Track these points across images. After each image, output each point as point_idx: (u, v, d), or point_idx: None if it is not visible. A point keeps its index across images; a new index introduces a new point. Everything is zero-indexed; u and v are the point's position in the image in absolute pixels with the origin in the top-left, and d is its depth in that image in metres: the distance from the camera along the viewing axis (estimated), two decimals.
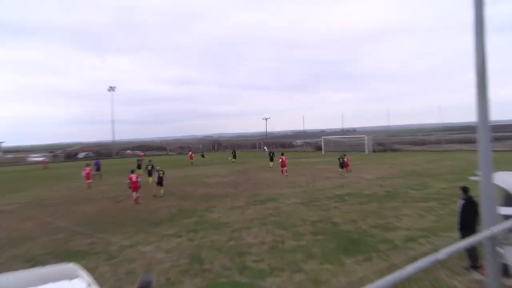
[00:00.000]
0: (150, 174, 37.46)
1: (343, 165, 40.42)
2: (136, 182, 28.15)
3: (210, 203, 26.23)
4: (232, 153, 63.92)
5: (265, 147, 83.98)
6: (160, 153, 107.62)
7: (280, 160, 40.03)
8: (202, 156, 72.21)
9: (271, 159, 49.50)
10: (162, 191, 30.41)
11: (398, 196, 25.23)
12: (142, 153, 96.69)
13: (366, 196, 26.04)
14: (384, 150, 76.09)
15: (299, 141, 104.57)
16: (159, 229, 19.86)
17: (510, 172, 12.39)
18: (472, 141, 68.16)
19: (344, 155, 41.35)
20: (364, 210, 21.68)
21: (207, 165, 56.65)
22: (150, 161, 44.17)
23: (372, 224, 18.66)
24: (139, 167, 47.04)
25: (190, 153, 64.27)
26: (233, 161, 60.09)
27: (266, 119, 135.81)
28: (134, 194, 28.00)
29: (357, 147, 76.23)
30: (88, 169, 38.75)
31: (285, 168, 39.74)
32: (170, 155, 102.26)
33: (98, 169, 46.02)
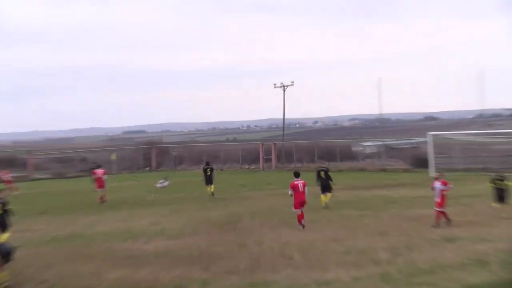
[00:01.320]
0: None
1: (503, 196, 22.42)
2: None
3: None
4: (206, 170, 34.90)
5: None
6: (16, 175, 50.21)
7: (291, 189, 21.66)
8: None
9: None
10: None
11: None
12: None
13: None
14: None
15: (369, 143, 68.21)
16: None
17: None
18: None
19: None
20: None
21: (138, 203, 32.65)
22: None
23: None
24: None
25: (98, 173, 34.11)
26: (211, 192, 34.24)
27: (284, 87, 62.15)
28: None
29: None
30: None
31: (300, 210, 21.69)
32: (37, 179, 55.54)
33: None
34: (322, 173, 28.24)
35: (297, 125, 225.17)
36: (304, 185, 21.68)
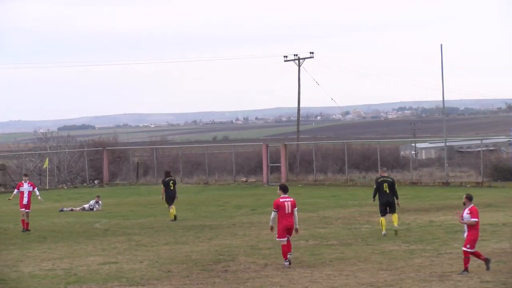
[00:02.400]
0: None
1: None
2: None
3: None
4: (169, 184, 37.62)
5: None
6: None
7: (274, 209, 23.27)
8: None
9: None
10: None
11: None
12: None
13: None
14: None
15: (424, 144, 76.71)
16: None
17: None
18: None
19: None
20: None
21: (84, 232, 33.50)
22: None
23: None
24: None
25: (22, 186, 35.27)
26: (173, 216, 36.69)
27: (299, 61, 67.45)
28: None
29: None
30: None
31: (286, 239, 23.47)
32: None
33: None
34: (385, 186, 29.24)
35: (319, 118, 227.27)
36: (293, 205, 22.94)
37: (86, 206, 43.41)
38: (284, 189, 23.57)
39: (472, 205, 22.37)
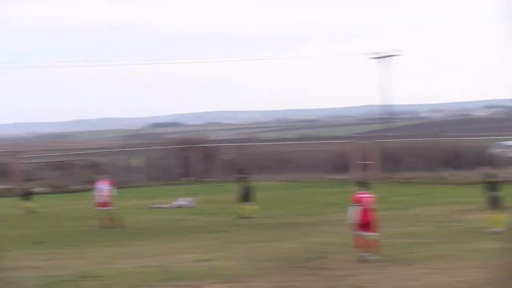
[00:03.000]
0: None
1: None
2: None
3: None
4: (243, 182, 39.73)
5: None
6: None
7: (354, 205, 24.29)
8: None
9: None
10: None
11: None
12: None
13: None
14: None
15: None
16: None
17: None
18: None
19: None
20: None
21: (177, 230, 34.13)
22: None
23: None
24: None
25: (101, 185, 37.30)
26: (249, 215, 37.84)
27: (385, 58, 69.07)
28: None
29: None
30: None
31: (363, 234, 24.14)
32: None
33: None
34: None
35: (407, 115, 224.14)
36: (370, 201, 24.03)
37: (177, 203, 43.88)
38: (361, 185, 24.83)
39: None
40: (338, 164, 65.63)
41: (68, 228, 35.27)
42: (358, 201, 24.08)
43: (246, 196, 37.27)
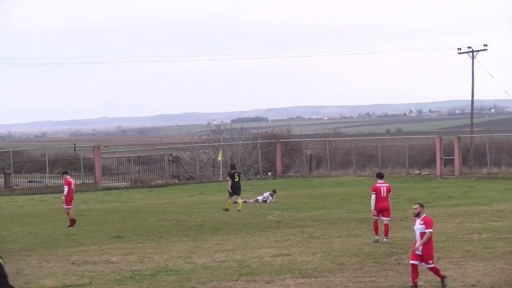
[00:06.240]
0: None
1: None
2: None
3: None
4: (234, 176, 40.29)
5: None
6: None
7: (373, 192, 26.94)
8: None
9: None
10: None
11: None
12: None
13: None
14: None
15: None
16: None
17: None
18: None
19: None
20: None
21: (256, 224, 34.27)
22: None
23: None
24: None
25: (68, 182, 35.89)
26: (238, 208, 39.49)
27: (473, 53, 65.67)
28: None
29: None
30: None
31: (378, 218, 27.26)
32: (108, 189, 60.68)
33: None
34: None
35: (493, 110, 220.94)
36: (388, 190, 27.22)
37: (260, 198, 43.77)
38: (380, 176, 28.54)
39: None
40: (423, 159, 65.12)
41: (148, 223, 35.72)
42: (374, 190, 27.33)
43: (237, 189, 38.86)
